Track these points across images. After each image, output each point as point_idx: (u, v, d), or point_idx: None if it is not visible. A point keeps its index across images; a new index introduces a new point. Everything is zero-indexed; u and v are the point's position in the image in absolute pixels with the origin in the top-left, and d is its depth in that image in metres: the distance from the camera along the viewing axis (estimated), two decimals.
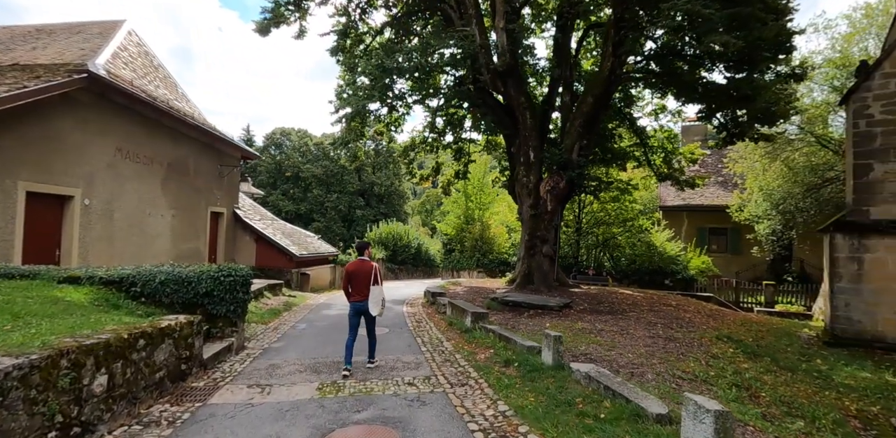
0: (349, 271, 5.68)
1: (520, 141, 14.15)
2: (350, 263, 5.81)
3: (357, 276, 5.63)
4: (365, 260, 5.80)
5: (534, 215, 13.28)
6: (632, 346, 6.00)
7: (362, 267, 5.67)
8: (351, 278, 5.65)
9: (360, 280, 5.61)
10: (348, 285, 5.68)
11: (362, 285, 5.60)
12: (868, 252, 9.05)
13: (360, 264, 5.72)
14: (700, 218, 22.90)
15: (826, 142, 17.53)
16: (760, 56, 11.60)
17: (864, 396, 5.96)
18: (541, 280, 12.82)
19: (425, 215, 62.67)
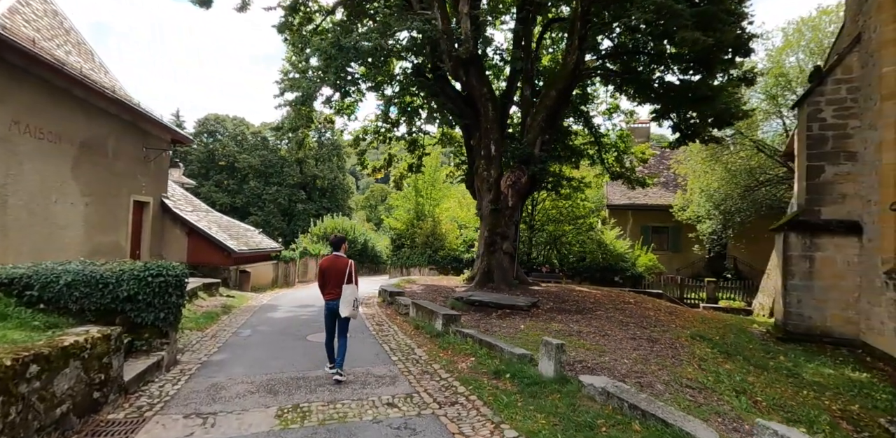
0: (323, 267, 5.37)
1: (480, 133, 13.63)
2: (324, 259, 5.48)
3: (330, 273, 5.31)
4: (340, 255, 5.47)
5: (494, 210, 12.83)
6: (621, 350, 5.61)
7: (336, 264, 5.34)
8: (324, 275, 5.34)
9: (334, 277, 5.29)
10: (322, 282, 5.37)
11: (335, 283, 5.27)
12: (819, 250, 9.39)
13: (335, 260, 5.39)
14: (644, 216, 23.67)
15: (762, 147, 18.57)
16: (718, 58, 11.82)
17: (838, 394, 5.97)
18: (501, 278, 12.40)
19: (370, 210, 61.11)
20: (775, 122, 19.34)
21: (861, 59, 9.25)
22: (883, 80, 8.30)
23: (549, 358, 4.21)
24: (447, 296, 10.58)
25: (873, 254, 8.50)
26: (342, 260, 5.37)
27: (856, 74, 9.33)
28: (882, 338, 8.04)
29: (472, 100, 14.27)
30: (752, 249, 20.85)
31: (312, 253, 20.85)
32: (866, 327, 8.69)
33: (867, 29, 9.01)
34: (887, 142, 8.18)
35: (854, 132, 9.29)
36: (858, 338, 8.86)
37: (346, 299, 5.16)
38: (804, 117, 9.79)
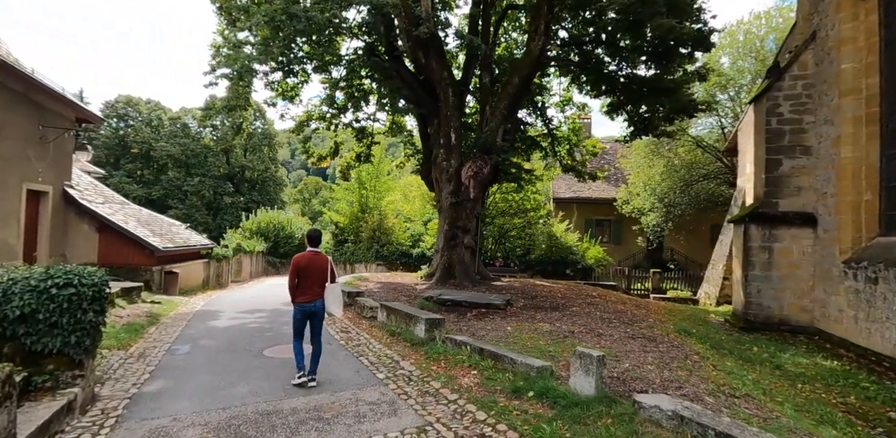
0: (300, 266, 4.83)
1: (439, 121, 12.83)
2: (299, 256, 4.93)
3: (310, 272, 4.83)
4: (318, 252, 5.01)
5: (454, 203, 12.12)
6: (632, 353, 5.14)
7: (316, 261, 4.88)
8: (302, 274, 4.82)
9: (314, 276, 4.84)
10: (296, 282, 4.84)
11: (316, 282, 4.85)
12: (777, 241, 9.65)
13: (314, 257, 4.90)
14: (588, 210, 24.12)
15: (700, 143, 19.42)
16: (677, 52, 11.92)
17: (828, 386, 5.94)
18: (463, 273, 11.75)
19: (304, 204, 58.17)
20: (711, 120, 20.31)
21: (816, 56, 9.54)
22: (841, 77, 8.55)
23: (587, 372, 3.56)
24: (411, 295, 9.76)
25: (829, 245, 8.81)
26: (322, 258, 4.95)
27: (811, 71, 9.62)
28: (839, 326, 8.35)
29: (431, 85, 13.41)
30: (688, 241, 21.95)
31: (247, 250, 19.00)
32: (821, 315, 9.03)
33: (823, 27, 9.29)
34: (845, 136, 8.45)
35: (809, 127, 9.60)
36: (813, 325, 9.21)
37: (337, 299, 4.97)
38: (763, 111, 9.99)
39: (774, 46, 19.06)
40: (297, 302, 4.81)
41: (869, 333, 7.48)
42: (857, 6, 8.43)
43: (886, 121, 8.00)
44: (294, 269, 4.81)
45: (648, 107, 13.02)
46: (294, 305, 4.84)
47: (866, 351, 7.46)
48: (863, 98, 8.31)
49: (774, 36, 18.66)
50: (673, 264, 20.52)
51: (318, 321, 4.90)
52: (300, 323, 4.84)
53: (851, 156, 8.38)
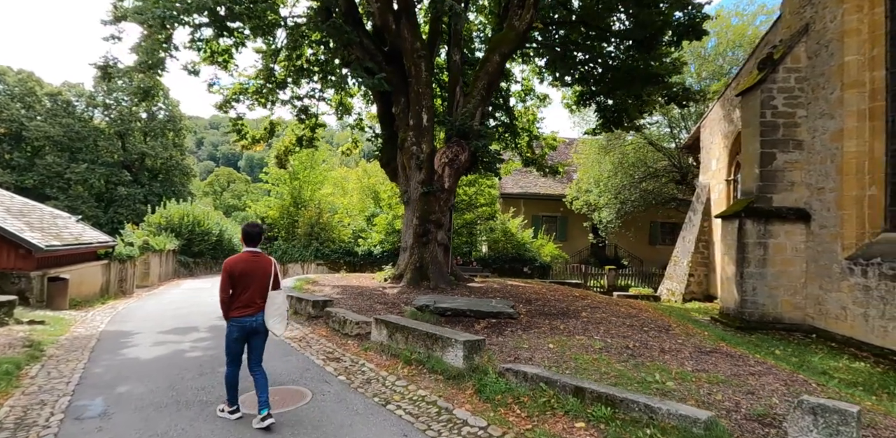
0: (236, 271, 3.74)
1: (409, 99, 11.20)
2: (234, 260, 3.82)
3: (251, 278, 3.79)
4: (258, 252, 3.96)
5: (426, 194, 10.59)
6: (740, 377, 4.05)
7: (257, 264, 3.84)
8: (238, 281, 3.76)
9: (255, 283, 3.80)
10: (230, 292, 3.76)
11: (258, 291, 3.82)
12: (772, 237, 9.38)
13: (253, 259, 3.86)
14: (536, 206, 23.66)
15: (652, 141, 19.62)
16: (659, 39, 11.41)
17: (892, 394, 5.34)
18: (437, 274, 10.27)
19: (215, 197, 52.53)
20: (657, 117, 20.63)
21: (809, 49, 9.36)
22: (845, 70, 8.34)
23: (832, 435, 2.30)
24: (389, 303, 8.11)
25: (828, 241, 8.61)
26: (264, 260, 3.93)
27: (803, 64, 9.43)
28: (843, 324, 8.13)
29: (398, 58, 11.72)
30: (631, 238, 22.29)
31: (156, 249, 15.82)
32: (816, 312, 8.85)
33: (819, 19, 9.09)
34: (849, 130, 8.25)
35: (801, 121, 9.41)
36: (806, 323, 9.03)
37: (278, 310, 3.90)
38: (756, 104, 9.66)
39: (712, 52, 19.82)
40: (233, 317, 3.75)
41: (885, 331, 7.23)
42: None
43: (892, 116, 7.86)
44: (228, 277, 3.72)
45: (626, 96, 12.44)
46: (229, 321, 3.77)
47: (883, 350, 7.20)
48: (867, 91, 8.13)
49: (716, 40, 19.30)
50: (626, 260, 20.62)
51: (261, 340, 3.90)
52: (238, 344, 3.79)
53: (855, 151, 8.17)
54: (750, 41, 17.82)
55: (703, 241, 13.87)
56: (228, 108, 13.27)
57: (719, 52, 18.73)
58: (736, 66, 18.55)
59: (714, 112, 13.90)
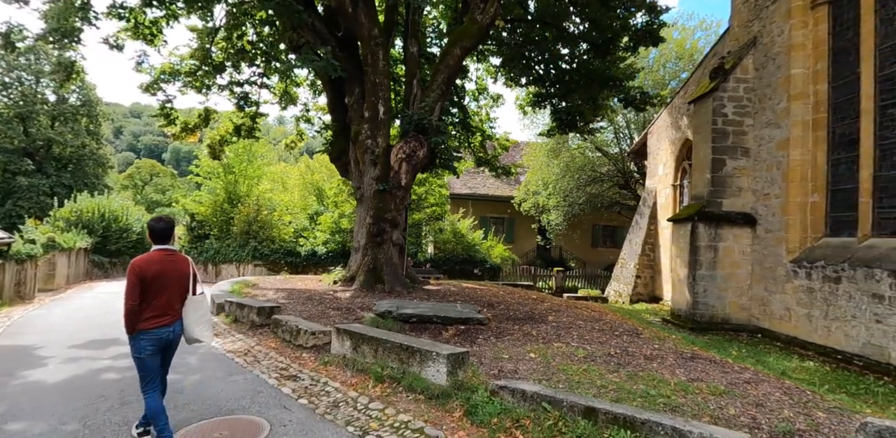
0: (148, 273, 3.13)
1: (364, 89, 10.50)
2: (143, 259, 3.20)
3: (164, 281, 3.20)
4: (171, 251, 3.34)
5: (382, 191, 9.96)
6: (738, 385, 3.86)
7: (173, 265, 3.28)
8: (151, 285, 3.15)
9: (171, 287, 3.24)
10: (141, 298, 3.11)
11: (175, 296, 3.28)
12: (721, 241, 9.68)
13: (168, 259, 3.27)
14: (484, 207, 23.58)
15: (599, 146, 20.12)
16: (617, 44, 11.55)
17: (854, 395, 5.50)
18: (393, 277, 9.67)
19: (135, 191, 48.00)
20: (602, 123, 21.24)
21: (756, 61, 9.78)
22: (791, 82, 8.74)
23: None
24: (342, 308, 7.42)
25: (773, 245, 9.00)
26: (180, 259, 3.36)
27: (751, 75, 9.84)
28: (787, 324, 8.50)
29: (354, 45, 11.01)
30: (575, 240, 22.79)
31: (64, 247, 13.84)
32: (761, 313, 9.22)
33: (766, 33, 9.51)
34: (795, 139, 8.65)
35: (749, 130, 9.80)
36: (751, 324, 9.39)
37: (202, 318, 3.39)
38: (709, 111, 9.96)
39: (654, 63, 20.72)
40: (145, 329, 3.12)
41: (828, 331, 7.59)
42: (808, 15, 8.68)
43: (833, 127, 8.32)
44: (137, 281, 3.09)
45: (582, 99, 12.49)
46: (139, 334, 3.12)
47: (826, 349, 7.55)
48: (811, 103, 8.56)
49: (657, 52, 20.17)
50: (572, 262, 20.98)
51: (171, 353, 3.41)
52: (154, 361, 3.19)
53: (800, 159, 8.58)
54: (689, 54, 18.78)
55: (649, 244, 14.29)
56: (156, 90, 11.82)
57: (661, 64, 19.58)
58: (674, 79, 19.51)
59: (661, 119, 14.38)
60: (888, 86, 7.30)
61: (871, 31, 7.54)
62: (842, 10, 8.25)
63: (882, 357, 6.64)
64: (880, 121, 7.38)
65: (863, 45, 7.65)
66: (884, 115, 7.33)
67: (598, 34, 11.04)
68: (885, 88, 7.34)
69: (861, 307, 7.02)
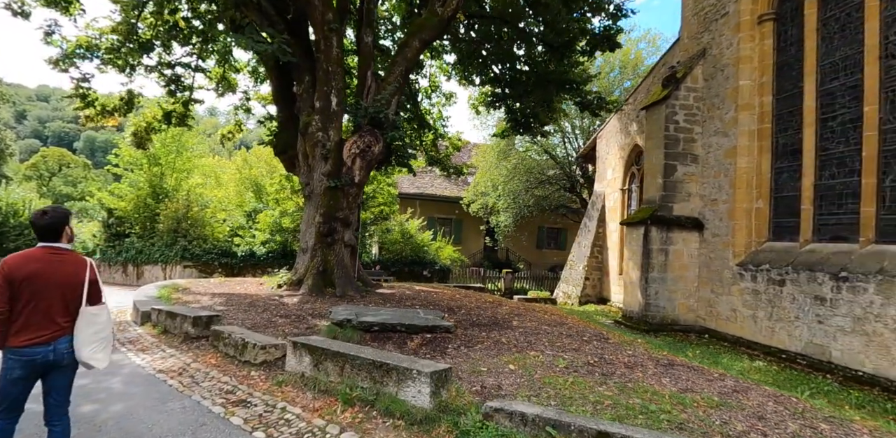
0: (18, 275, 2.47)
1: (317, 77, 9.76)
2: (19, 256, 2.56)
3: (41, 285, 2.53)
4: (59, 250, 2.65)
5: (333, 188, 9.29)
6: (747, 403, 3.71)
7: (59, 267, 2.60)
8: (22, 289, 2.49)
9: (50, 293, 2.56)
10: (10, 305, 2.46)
11: (55, 305, 2.58)
12: (672, 244, 9.94)
13: (52, 258, 2.59)
14: (431, 207, 23.21)
15: (548, 150, 20.40)
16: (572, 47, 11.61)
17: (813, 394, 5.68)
18: (345, 280, 9.01)
19: (41, 182, 42.80)
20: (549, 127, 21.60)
21: (706, 71, 10.16)
22: (739, 93, 9.13)
23: None
24: (291, 316, 6.72)
25: (720, 248, 9.35)
26: (71, 259, 2.68)
27: (700, 85, 10.21)
28: (733, 325, 8.83)
29: (304, 30, 10.22)
30: (520, 241, 23.03)
31: None
32: (707, 314, 9.55)
33: (715, 45, 9.90)
34: (742, 148, 9.03)
35: (697, 137, 10.16)
36: (698, 324, 9.71)
37: (97, 335, 2.67)
38: (662, 118, 10.21)
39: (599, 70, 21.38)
40: (14, 346, 2.50)
41: (773, 332, 7.93)
42: (755, 30, 9.10)
43: (777, 137, 8.76)
44: (4, 283, 2.47)
45: (539, 100, 12.45)
46: (7, 351, 2.52)
47: (770, 349, 7.89)
48: (756, 114, 8.98)
49: (602, 60, 20.83)
50: (521, 264, 21.10)
51: (66, 377, 2.70)
52: (17, 386, 2.51)
53: (746, 167, 8.97)
54: (633, 64, 19.52)
55: (597, 246, 14.58)
56: (68, 65, 10.32)
57: (606, 72, 20.22)
58: (618, 87, 20.22)
59: (611, 125, 14.74)
60: (828, 101, 7.75)
61: (814, 49, 7.98)
62: (786, 27, 8.71)
63: (823, 355, 6.99)
64: (821, 133, 7.82)
65: (806, 61, 8.08)
66: (824, 128, 7.78)
67: (556, 36, 11.01)
68: (825, 103, 7.79)
69: (804, 308, 7.37)
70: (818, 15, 7.95)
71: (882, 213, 6.73)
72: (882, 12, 6.92)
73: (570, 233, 24.32)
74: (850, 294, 6.65)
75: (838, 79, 7.60)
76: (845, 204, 7.30)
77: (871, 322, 6.32)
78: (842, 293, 6.77)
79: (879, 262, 6.40)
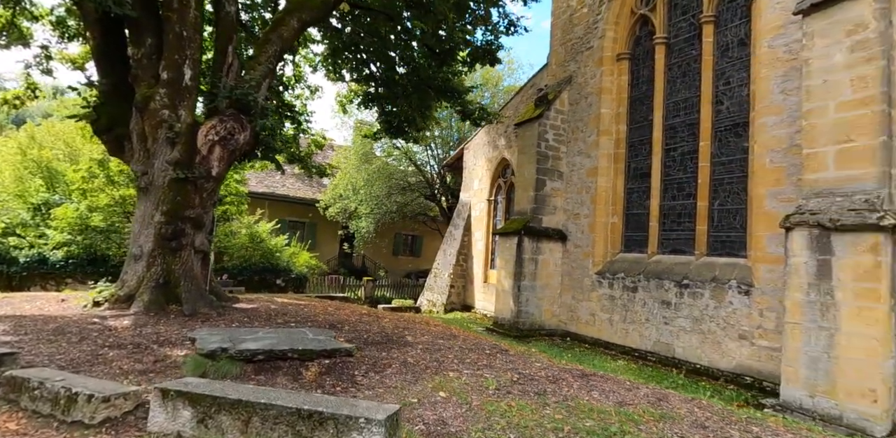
0: None
1: (167, 42, 7.88)
2: None
3: None
4: None
5: (182, 180, 7.55)
6: (679, 411, 3.77)
7: None
8: None
9: None
10: None
11: None
12: (541, 254, 10.56)
13: None
14: (283, 209, 21.17)
15: (412, 157, 20.33)
16: (454, 55, 11.71)
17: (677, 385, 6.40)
18: (195, 294, 7.32)
19: None
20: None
21: (571, 97, 11.18)
22: (601, 119, 10.23)
23: None
24: (126, 346, 5.10)
25: (581, 258, 10.26)
26: None
27: (567, 109, 11.19)
28: (592, 328, 9.72)
29: None
30: (377, 248, 22.46)
31: None
32: (569, 318, 10.37)
33: (581, 74, 10.97)
34: (602, 169, 10.10)
35: (563, 156, 11.08)
36: (561, 328, 10.48)
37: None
38: (535, 134, 10.86)
39: None
40: None
41: (626, 333, 8.92)
42: (614, 65, 10.33)
43: (629, 162, 10.02)
44: None
45: (417, 105, 12.18)
46: None
47: (625, 348, 8.85)
48: (614, 140, 10.16)
49: None
50: (382, 271, 20.42)
51: None
52: None
53: (605, 186, 10.05)
54: (494, 82, 20.81)
55: (463, 255, 14.89)
56: None
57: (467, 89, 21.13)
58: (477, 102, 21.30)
59: (479, 137, 15.31)
60: (671, 134, 9.12)
61: (661, 89, 9.34)
62: (639, 67, 10.06)
63: (668, 352, 8.07)
64: (665, 161, 9.14)
65: (655, 98, 9.41)
66: (668, 157, 9.12)
67: (438, 42, 10.94)
68: (669, 135, 9.15)
69: (653, 311, 8.44)
70: (665, 61, 9.34)
71: (712, 231, 8.09)
72: (714, 65, 8.41)
73: (427, 240, 24.69)
74: (690, 298, 7.81)
75: (679, 116, 8.99)
76: (684, 222, 8.62)
77: (707, 322, 7.50)
78: (684, 298, 7.91)
79: (712, 272, 7.65)
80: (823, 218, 5.16)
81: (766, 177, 6.98)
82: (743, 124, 7.78)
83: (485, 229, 14.30)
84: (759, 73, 7.35)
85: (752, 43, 7.68)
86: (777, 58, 7.05)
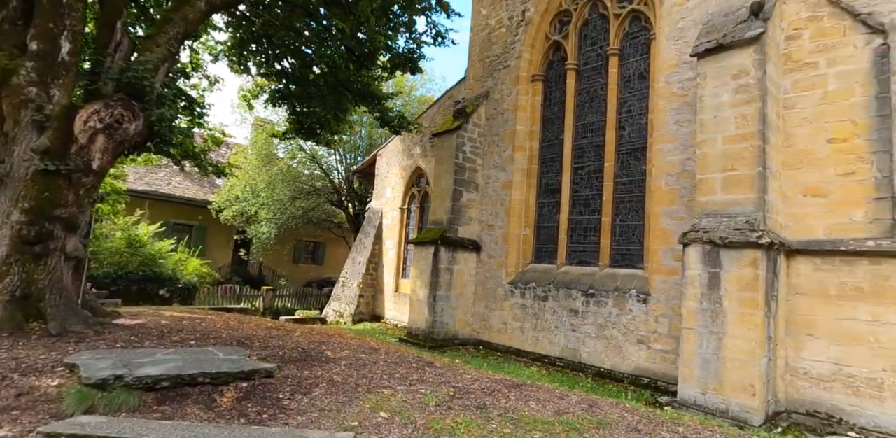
0: None
1: (37, 7, 6.58)
2: None
3: None
4: None
5: (52, 172, 6.38)
6: (612, 417, 3.91)
7: None
8: None
9: None
10: None
11: None
12: (456, 264, 10.65)
13: None
14: (167, 210, 18.90)
15: (318, 161, 19.45)
16: (375, 59, 11.50)
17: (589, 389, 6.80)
18: (66, 310, 6.16)
19: None
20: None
21: (488, 111, 11.58)
22: (516, 135, 10.71)
23: None
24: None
25: (494, 268, 10.57)
26: None
27: (484, 123, 11.55)
28: (503, 336, 10.01)
29: None
30: (286, 255, 21.05)
31: None
32: (481, 327, 10.57)
33: (498, 91, 11.41)
34: (517, 182, 10.55)
35: (479, 168, 11.39)
36: (474, 337, 10.63)
37: None
38: (453, 146, 11.01)
39: None
40: None
41: (536, 340, 9.33)
42: (529, 85, 10.92)
43: (541, 177, 10.60)
44: None
45: (332, 107, 11.68)
46: None
47: (536, 355, 9.24)
48: (527, 156, 10.69)
49: None
50: (284, 280, 19.03)
51: None
52: None
53: (518, 199, 10.51)
54: (408, 92, 20.84)
55: (372, 263, 14.50)
56: None
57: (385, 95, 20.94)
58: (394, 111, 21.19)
59: (394, 144, 15.14)
60: (580, 154, 9.84)
61: (572, 111, 10.06)
62: (552, 89, 10.74)
63: (575, 357, 8.59)
64: (574, 179, 9.82)
65: (566, 119, 10.10)
66: (577, 174, 9.81)
67: (358, 45, 10.68)
68: (578, 155, 9.86)
69: (562, 319, 8.95)
70: (575, 85, 10.09)
71: (614, 244, 8.84)
72: (618, 94, 9.28)
73: (331, 247, 23.71)
74: (595, 307, 8.42)
75: (587, 137, 9.75)
76: (590, 235, 9.31)
77: (610, 328, 8.14)
78: (590, 306, 8.51)
79: (615, 282, 8.35)
80: (714, 235, 5.90)
81: (662, 197, 7.82)
82: (642, 149, 8.67)
83: (397, 238, 14.11)
84: (656, 105, 8.26)
85: (650, 77, 8.63)
86: (672, 93, 7.99)
